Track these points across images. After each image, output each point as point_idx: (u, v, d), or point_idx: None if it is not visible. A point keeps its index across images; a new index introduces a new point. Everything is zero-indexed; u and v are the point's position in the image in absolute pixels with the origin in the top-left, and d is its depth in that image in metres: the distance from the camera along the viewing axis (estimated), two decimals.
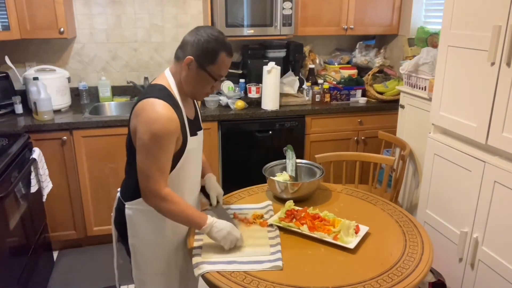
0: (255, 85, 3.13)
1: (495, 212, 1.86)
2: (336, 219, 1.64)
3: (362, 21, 3.33)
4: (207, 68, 1.45)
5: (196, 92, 1.52)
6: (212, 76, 1.47)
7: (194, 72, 1.46)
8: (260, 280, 1.36)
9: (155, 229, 1.58)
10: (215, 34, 1.44)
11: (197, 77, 1.46)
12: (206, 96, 1.56)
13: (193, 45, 1.43)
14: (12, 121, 2.74)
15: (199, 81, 1.48)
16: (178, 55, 1.49)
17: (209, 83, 1.49)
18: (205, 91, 1.52)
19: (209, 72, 1.45)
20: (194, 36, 1.44)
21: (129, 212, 1.58)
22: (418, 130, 2.72)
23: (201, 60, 1.43)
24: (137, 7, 3.23)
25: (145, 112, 1.39)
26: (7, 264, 2.03)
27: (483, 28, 1.86)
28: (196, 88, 1.50)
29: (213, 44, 1.42)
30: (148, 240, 1.60)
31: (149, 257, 1.62)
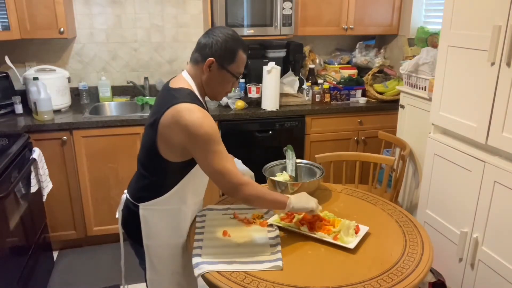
0: (255, 85, 3.13)
1: (495, 212, 1.86)
2: (336, 219, 1.64)
3: (362, 21, 3.33)
4: (228, 67, 1.49)
5: (218, 92, 1.57)
6: (233, 74, 1.51)
7: (215, 72, 1.49)
8: (260, 280, 1.36)
9: (172, 228, 1.60)
10: (231, 33, 1.48)
11: (218, 77, 1.50)
12: (226, 95, 1.62)
13: (212, 46, 1.46)
14: (12, 121, 2.74)
15: (221, 81, 1.52)
16: (196, 58, 1.51)
17: (230, 82, 1.54)
18: (226, 90, 1.57)
19: (230, 71, 1.50)
20: (211, 37, 1.47)
21: (145, 213, 1.57)
22: (418, 130, 2.72)
23: (221, 60, 1.47)
24: (137, 7, 3.23)
25: (185, 119, 1.40)
26: (7, 264, 2.03)
27: (483, 28, 1.86)
28: (218, 88, 1.55)
29: (231, 44, 1.46)
30: (165, 240, 1.60)
31: (166, 257, 1.63)
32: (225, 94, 1.59)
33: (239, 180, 1.43)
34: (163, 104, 1.46)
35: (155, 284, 1.68)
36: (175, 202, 1.57)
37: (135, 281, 2.50)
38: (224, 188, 1.46)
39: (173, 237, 1.62)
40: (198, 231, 1.65)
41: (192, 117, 1.40)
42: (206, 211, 1.81)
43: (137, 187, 1.60)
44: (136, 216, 1.58)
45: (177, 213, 1.60)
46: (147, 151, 1.53)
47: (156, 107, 1.52)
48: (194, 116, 1.40)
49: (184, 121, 1.40)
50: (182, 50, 3.40)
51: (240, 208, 1.83)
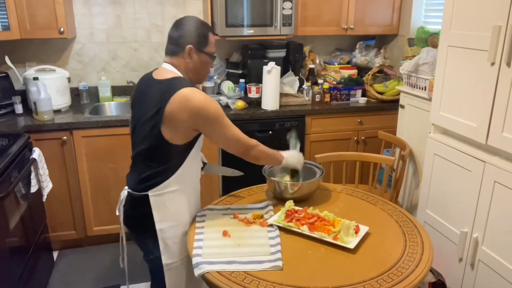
0: (255, 85, 3.13)
1: (495, 212, 1.86)
2: (336, 219, 1.64)
3: (362, 21, 3.33)
4: (204, 50, 1.66)
5: (202, 75, 1.73)
6: (210, 55, 1.68)
7: (195, 58, 1.65)
8: (260, 280, 1.36)
9: (183, 208, 1.70)
10: (199, 20, 1.67)
11: (199, 61, 1.66)
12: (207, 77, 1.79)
13: (187, 35, 1.63)
14: (12, 121, 2.74)
15: (201, 64, 1.68)
16: (173, 50, 1.67)
17: (209, 63, 1.71)
18: (207, 72, 1.74)
19: (206, 52, 1.66)
20: (183, 28, 1.64)
21: (155, 198, 1.64)
22: (418, 130, 2.72)
23: (198, 45, 1.64)
24: (137, 7, 3.23)
25: (194, 101, 1.54)
26: (7, 264, 2.03)
27: (483, 28, 1.86)
28: (200, 71, 1.70)
29: (201, 29, 1.65)
30: (178, 220, 1.69)
31: (180, 238, 1.69)
32: (206, 75, 1.76)
33: (250, 143, 1.71)
34: (162, 94, 1.56)
35: (171, 268, 1.71)
36: (181, 182, 1.67)
37: (136, 281, 2.50)
38: (238, 152, 1.70)
39: (184, 216, 1.71)
40: (198, 231, 1.65)
41: (200, 99, 1.54)
42: (206, 211, 1.81)
43: (142, 178, 1.64)
44: (143, 207, 1.64)
45: (184, 193, 1.70)
46: (152, 141, 1.60)
47: (152, 99, 1.60)
48: (201, 98, 1.55)
49: (192, 104, 1.53)
50: None
51: (240, 208, 1.83)
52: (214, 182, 3.05)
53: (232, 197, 1.96)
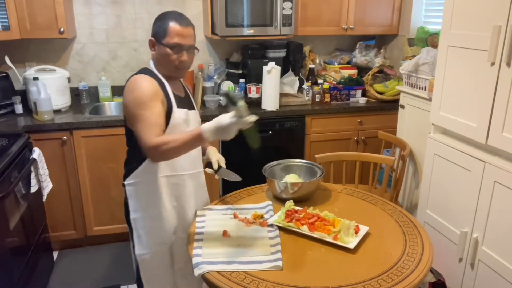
0: (255, 85, 3.13)
1: (495, 212, 1.86)
2: (336, 219, 1.64)
3: (362, 21, 3.32)
4: (163, 41, 1.61)
5: (167, 68, 1.65)
6: (168, 46, 1.60)
7: (157, 50, 1.64)
8: (260, 280, 1.36)
9: (152, 199, 1.69)
10: (166, 12, 1.66)
11: (160, 53, 1.63)
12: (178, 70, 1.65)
13: (152, 29, 1.66)
14: (12, 121, 2.74)
15: (163, 56, 1.62)
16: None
17: (170, 55, 1.61)
18: (172, 65, 1.63)
19: (165, 44, 1.60)
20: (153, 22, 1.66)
21: (128, 188, 1.71)
22: (418, 130, 2.72)
23: (157, 36, 1.62)
24: (137, 7, 3.23)
25: (127, 87, 1.58)
26: (7, 264, 2.03)
27: (483, 28, 1.86)
28: (164, 64, 1.64)
29: (159, 20, 1.63)
30: (147, 211, 1.71)
31: (151, 229, 1.71)
32: (174, 68, 1.64)
33: (148, 145, 1.47)
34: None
35: (143, 259, 1.74)
36: (150, 172, 1.67)
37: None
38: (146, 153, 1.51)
39: (154, 208, 1.70)
40: (198, 231, 1.65)
41: (131, 83, 1.57)
42: (206, 211, 1.81)
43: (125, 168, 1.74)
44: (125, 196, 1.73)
45: (155, 184, 1.68)
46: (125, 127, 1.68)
47: None
48: (132, 82, 1.57)
49: (125, 89, 1.59)
50: None
51: (240, 208, 1.83)
52: (214, 182, 3.05)
53: (232, 197, 1.96)
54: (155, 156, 1.51)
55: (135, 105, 1.53)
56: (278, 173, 2.01)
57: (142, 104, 1.52)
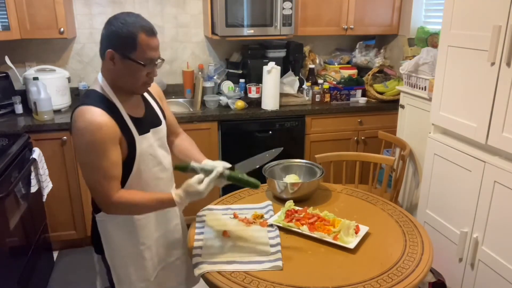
0: (255, 85, 3.13)
1: (495, 212, 1.86)
2: (336, 219, 1.64)
3: (362, 21, 3.33)
4: (131, 56, 1.33)
5: (133, 84, 1.40)
6: (139, 62, 1.34)
7: (120, 64, 1.35)
8: (260, 280, 1.36)
9: (129, 237, 1.52)
10: (128, 19, 1.35)
11: (125, 69, 1.36)
12: (146, 86, 1.43)
13: (109, 37, 1.34)
14: (12, 121, 2.74)
15: (129, 72, 1.36)
16: (100, 53, 1.39)
17: (141, 71, 1.37)
18: (141, 81, 1.39)
19: (134, 59, 1.34)
20: (108, 28, 1.36)
21: (100, 225, 1.53)
22: (418, 130, 2.72)
23: (121, 50, 1.33)
24: (137, 7, 3.23)
25: (76, 124, 1.32)
26: (7, 264, 2.03)
27: (483, 28, 1.86)
28: (130, 80, 1.39)
29: (127, 30, 1.32)
30: (124, 250, 1.54)
31: (129, 267, 1.55)
32: (142, 85, 1.41)
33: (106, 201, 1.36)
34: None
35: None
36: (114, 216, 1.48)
37: None
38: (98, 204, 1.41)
39: (132, 246, 1.53)
40: (198, 231, 1.65)
41: (80, 123, 1.31)
42: (206, 211, 1.81)
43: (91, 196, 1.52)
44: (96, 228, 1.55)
45: (131, 221, 1.51)
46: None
47: None
48: (82, 121, 1.31)
49: (74, 126, 1.33)
50: (182, 50, 3.40)
51: (240, 208, 1.83)
52: None
53: (232, 197, 1.95)
54: (114, 212, 1.40)
55: (89, 152, 1.31)
56: (278, 173, 2.01)
57: (96, 152, 1.31)
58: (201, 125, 2.93)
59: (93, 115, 1.31)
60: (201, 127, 2.94)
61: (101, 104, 1.36)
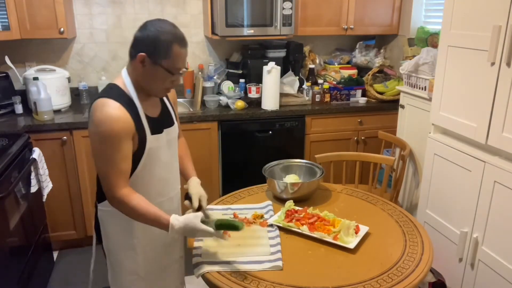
0: (255, 85, 3.13)
1: (495, 212, 1.86)
2: (336, 219, 1.64)
3: (362, 21, 3.33)
4: (162, 63, 1.39)
5: (156, 88, 1.47)
6: (169, 70, 1.41)
7: (149, 68, 1.41)
8: (260, 280, 1.36)
9: (125, 230, 1.56)
10: (165, 26, 1.40)
11: (153, 73, 1.42)
12: (167, 92, 1.51)
13: (143, 41, 1.39)
14: (12, 121, 2.74)
15: (156, 77, 1.43)
16: (131, 53, 1.45)
17: (167, 78, 1.43)
18: (164, 87, 1.47)
19: (164, 67, 1.40)
20: (143, 31, 1.40)
21: (100, 214, 1.58)
22: (418, 130, 2.72)
23: (154, 55, 1.39)
24: (137, 7, 3.23)
25: (95, 114, 1.38)
26: (7, 264, 2.03)
27: (483, 28, 1.86)
28: (154, 85, 1.45)
29: (163, 38, 1.38)
30: (119, 241, 1.58)
31: (122, 259, 1.59)
32: (165, 90, 1.49)
33: (115, 193, 1.39)
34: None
35: (115, 284, 1.66)
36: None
37: None
38: (105, 195, 1.44)
39: (127, 239, 1.57)
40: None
41: (100, 113, 1.37)
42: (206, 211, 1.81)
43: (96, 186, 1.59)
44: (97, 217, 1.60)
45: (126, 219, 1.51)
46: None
47: None
48: (101, 112, 1.36)
49: (92, 117, 1.39)
50: None
51: (240, 208, 1.83)
52: (214, 182, 3.06)
53: (232, 197, 1.96)
54: (115, 206, 1.43)
55: (103, 143, 1.37)
56: (278, 173, 2.01)
57: (110, 143, 1.36)
58: (201, 125, 2.94)
59: (111, 108, 1.37)
60: (201, 127, 2.94)
61: (121, 99, 1.41)
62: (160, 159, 1.55)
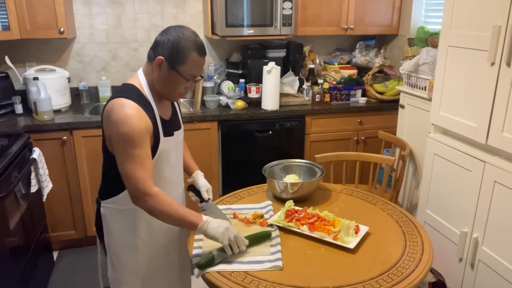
0: (255, 85, 3.13)
1: (495, 212, 1.86)
2: (336, 219, 1.64)
3: (362, 21, 3.33)
4: (178, 68, 1.43)
5: (169, 92, 1.50)
6: (184, 76, 1.44)
7: (165, 72, 1.44)
8: (260, 280, 1.36)
9: (128, 229, 1.58)
10: (186, 33, 1.43)
11: (168, 77, 1.45)
12: (180, 97, 1.54)
13: (164, 45, 1.42)
14: (12, 121, 2.74)
15: (171, 81, 1.46)
16: (149, 55, 1.47)
17: (181, 84, 1.47)
18: (178, 92, 1.49)
19: (180, 72, 1.43)
20: (164, 36, 1.43)
21: (104, 211, 1.59)
22: (418, 130, 2.72)
23: (171, 60, 1.42)
24: (137, 7, 3.23)
25: (114, 114, 1.38)
26: (7, 264, 2.03)
27: (483, 28, 1.86)
28: (168, 88, 1.48)
29: (183, 44, 1.41)
30: (122, 239, 1.60)
31: (123, 257, 1.61)
32: (178, 95, 1.52)
33: (145, 189, 1.38)
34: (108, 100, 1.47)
35: (115, 282, 1.67)
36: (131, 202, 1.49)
37: None
38: (131, 195, 1.42)
39: (129, 238, 1.59)
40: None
41: (119, 113, 1.37)
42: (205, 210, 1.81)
43: (102, 185, 1.62)
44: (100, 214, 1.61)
45: (133, 214, 1.56)
46: (103, 149, 1.53)
47: None
48: (121, 112, 1.37)
49: (112, 116, 1.38)
50: None
51: (240, 208, 1.83)
52: (214, 182, 3.06)
53: (232, 197, 1.95)
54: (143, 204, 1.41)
55: (125, 141, 1.37)
56: (278, 173, 2.01)
57: (134, 143, 1.37)
58: (201, 125, 2.94)
59: (132, 109, 1.38)
60: (201, 127, 2.94)
61: (139, 100, 1.43)
62: (169, 161, 1.58)
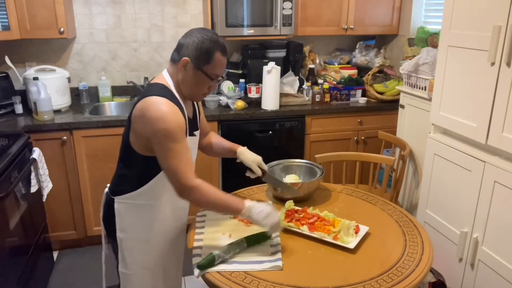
0: (255, 85, 3.13)
1: (495, 212, 1.86)
2: (336, 219, 1.64)
3: (362, 21, 3.33)
4: (203, 68, 1.47)
5: (194, 92, 1.54)
6: (209, 76, 1.49)
7: (190, 73, 1.48)
8: (260, 280, 1.36)
9: (143, 224, 1.60)
10: (209, 34, 1.48)
11: (194, 77, 1.49)
12: (204, 96, 1.59)
13: (188, 46, 1.47)
14: (12, 121, 2.74)
15: (196, 81, 1.50)
16: (174, 57, 1.52)
17: (206, 83, 1.52)
18: (202, 92, 1.54)
19: (205, 72, 1.48)
20: (189, 38, 1.48)
21: (118, 206, 1.60)
22: (418, 130, 2.72)
23: (197, 61, 1.46)
24: (137, 7, 3.23)
25: (150, 112, 1.41)
26: (7, 264, 2.03)
27: (483, 28, 1.87)
28: (193, 88, 1.52)
29: (207, 45, 1.45)
30: (136, 234, 1.61)
31: (136, 252, 1.63)
32: (202, 95, 1.57)
33: (189, 182, 1.42)
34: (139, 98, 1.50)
35: (126, 277, 1.69)
36: (148, 198, 1.57)
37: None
38: (176, 190, 1.45)
39: (144, 232, 1.61)
40: (198, 231, 1.65)
41: (157, 110, 1.40)
42: (206, 211, 1.81)
43: (116, 180, 1.64)
44: (112, 210, 1.61)
45: (150, 209, 1.59)
46: (123, 142, 1.57)
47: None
48: (159, 109, 1.40)
49: (148, 114, 1.41)
50: None
51: None
52: (214, 182, 3.06)
53: None
54: (188, 196, 1.45)
55: (165, 137, 1.40)
56: (278, 173, 2.01)
57: (173, 138, 1.40)
58: None
59: (168, 106, 1.42)
60: None
61: (171, 98, 1.47)
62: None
